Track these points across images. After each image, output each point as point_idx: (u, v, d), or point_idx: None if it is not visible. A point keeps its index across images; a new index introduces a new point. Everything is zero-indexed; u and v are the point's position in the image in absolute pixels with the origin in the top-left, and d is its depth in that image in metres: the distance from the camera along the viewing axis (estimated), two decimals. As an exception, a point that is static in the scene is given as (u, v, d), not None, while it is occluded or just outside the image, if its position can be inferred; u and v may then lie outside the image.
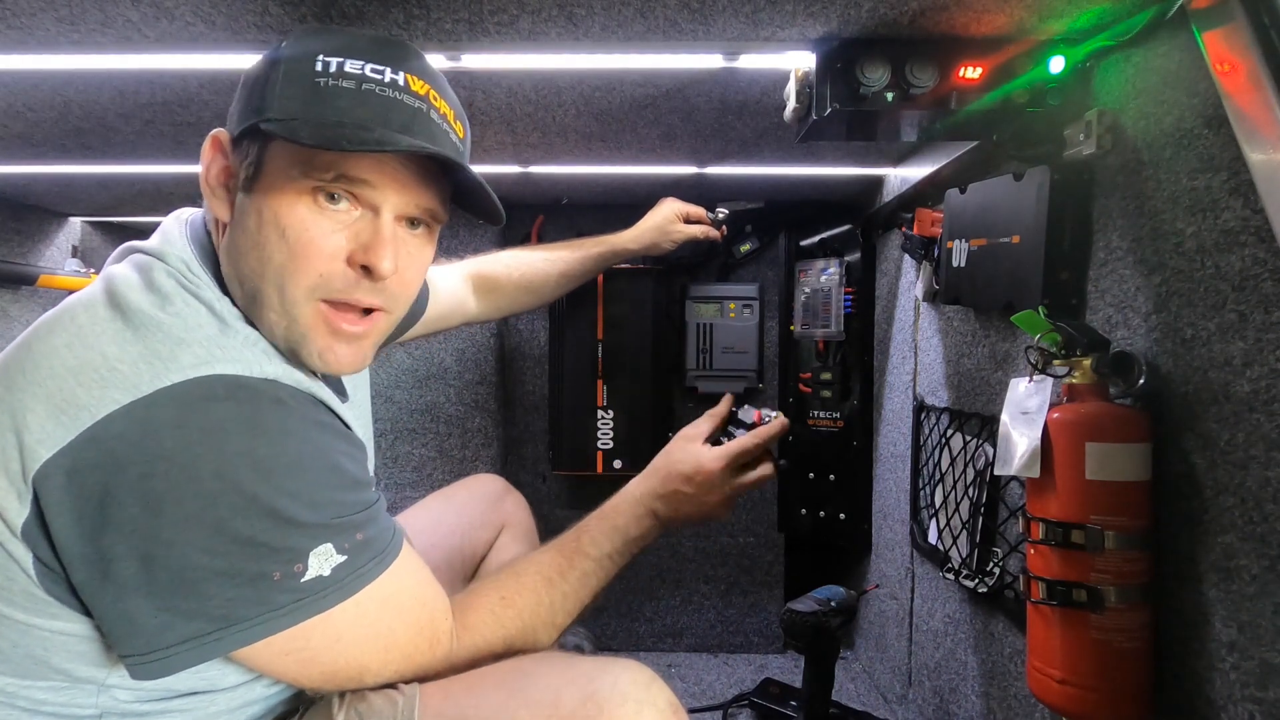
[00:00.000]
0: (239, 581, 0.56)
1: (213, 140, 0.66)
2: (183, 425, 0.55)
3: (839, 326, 1.62)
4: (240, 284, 0.65)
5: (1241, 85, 0.62)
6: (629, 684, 0.65)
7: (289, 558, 0.58)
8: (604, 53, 0.86)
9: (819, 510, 1.69)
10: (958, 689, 1.17)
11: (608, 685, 0.65)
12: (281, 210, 0.62)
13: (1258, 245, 0.62)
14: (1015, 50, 0.81)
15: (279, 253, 0.62)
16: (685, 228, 1.44)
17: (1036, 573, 0.75)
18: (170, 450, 0.54)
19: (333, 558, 0.60)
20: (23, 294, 1.65)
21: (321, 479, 0.61)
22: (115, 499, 0.53)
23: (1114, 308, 0.80)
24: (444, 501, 1.29)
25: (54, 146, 1.21)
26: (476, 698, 0.68)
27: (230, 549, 0.55)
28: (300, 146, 0.61)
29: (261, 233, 0.63)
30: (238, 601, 0.56)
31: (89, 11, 0.75)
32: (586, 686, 0.65)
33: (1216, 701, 0.66)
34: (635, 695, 0.65)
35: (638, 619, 1.85)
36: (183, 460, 0.54)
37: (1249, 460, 0.63)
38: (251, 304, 0.65)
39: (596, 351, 1.68)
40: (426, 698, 0.68)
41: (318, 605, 0.59)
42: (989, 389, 1.07)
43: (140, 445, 0.54)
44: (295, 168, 0.62)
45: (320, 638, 0.61)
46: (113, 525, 0.54)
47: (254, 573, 0.56)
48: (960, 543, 1.11)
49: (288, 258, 0.63)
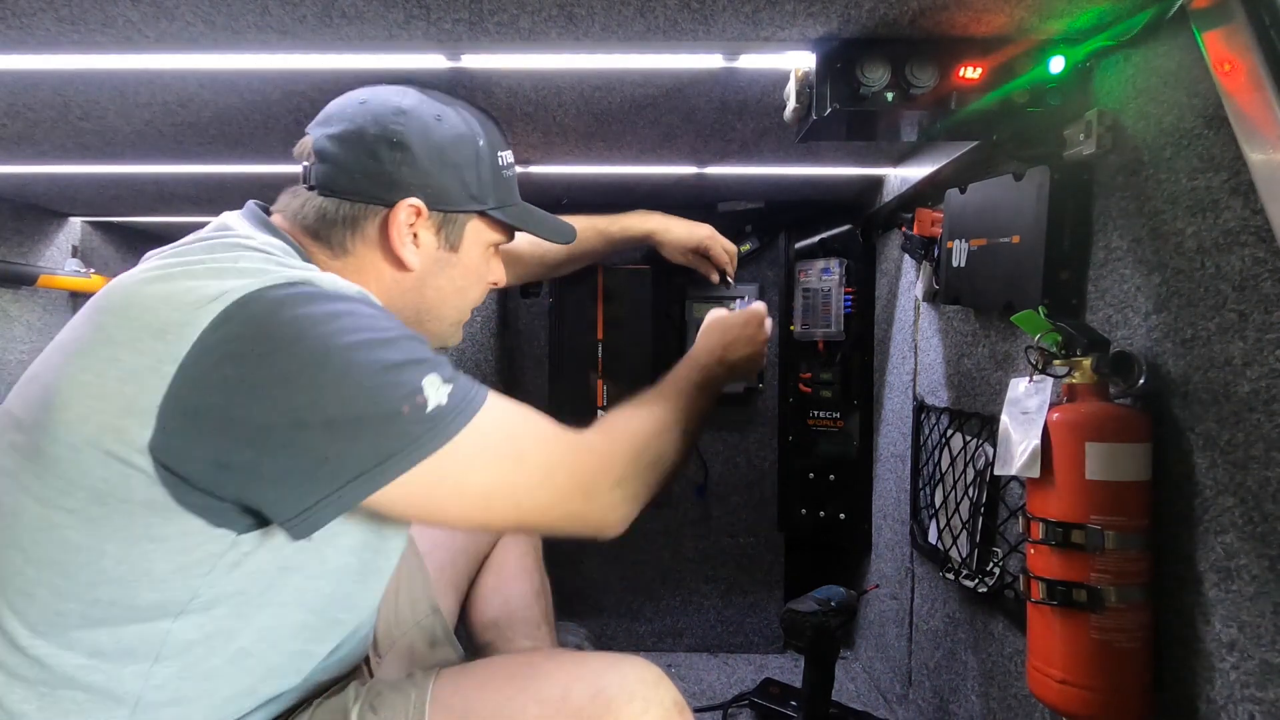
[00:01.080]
0: (377, 423, 0.61)
1: (413, 209, 0.79)
2: (278, 311, 0.61)
3: (839, 326, 1.62)
4: (415, 309, 0.82)
5: (1241, 85, 0.62)
6: (636, 681, 0.67)
7: (408, 391, 0.62)
8: (604, 53, 0.86)
9: (819, 510, 1.69)
10: (958, 689, 1.17)
11: (615, 682, 0.67)
12: (480, 264, 0.88)
13: (1258, 245, 0.62)
14: (1015, 50, 0.81)
15: (474, 290, 0.88)
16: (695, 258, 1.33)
17: (1036, 573, 0.75)
18: (279, 330, 0.60)
19: (442, 387, 0.64)
20: (23, 294, 1.65)
21: (406, 333, 0.67)
22: (243, 385, 0.58)
23: (1114, 308, 0.80)
24: None
25: (54, 146, 1.21)
26: (486, 692, 0.70)
27: (359, 396, 0.61)
28: (495, 221, 0.86)
29: (465, 279, 0.86)
30: (382, 439, 0.61)
31: (89, 11, 0.75)
32: (595, 683, 0.67)
33: (1216, 701, 0.66)
34: (642, 693, 0.66)
35: (638, 619, 1.85)
36: (292, 335, 0.60)
37: (1249, 460, 0.63)
38: (417, 320, 0.82)
39: (596, 351, 1.68)
40: (438, 691, 0.70)
41: (448, 429, 0.63)
42: (989, 389, 1.06)
43: (249, 334, 0.59)
44: (488, 235, 0.87)
45: (457, 463, 0.64)
46: (247, 410, 0.58)
47: (387, 412, 0.61)
48: (960, 543, 1.11)
49: (477, 293, 0.89)
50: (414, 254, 0.81)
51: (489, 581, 1.25)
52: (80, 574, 0.60)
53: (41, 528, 0.60)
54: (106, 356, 0.59)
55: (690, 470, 1.83)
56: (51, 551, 0.60)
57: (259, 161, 1.30)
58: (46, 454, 0.60)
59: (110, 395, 0.58)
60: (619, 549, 1.84)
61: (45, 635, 0.61)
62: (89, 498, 0.59)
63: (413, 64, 0.90)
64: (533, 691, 0.68)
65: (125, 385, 0.58)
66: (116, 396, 0.58)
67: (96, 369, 0.59)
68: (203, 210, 1.68)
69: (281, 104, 1.03)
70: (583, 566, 1.84)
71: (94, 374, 0.59)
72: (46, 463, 0.60)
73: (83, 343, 0.61)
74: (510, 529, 0.71)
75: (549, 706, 0.66)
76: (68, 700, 0.62)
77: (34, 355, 1.68)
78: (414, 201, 0.79)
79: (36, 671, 0.61)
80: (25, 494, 0.61)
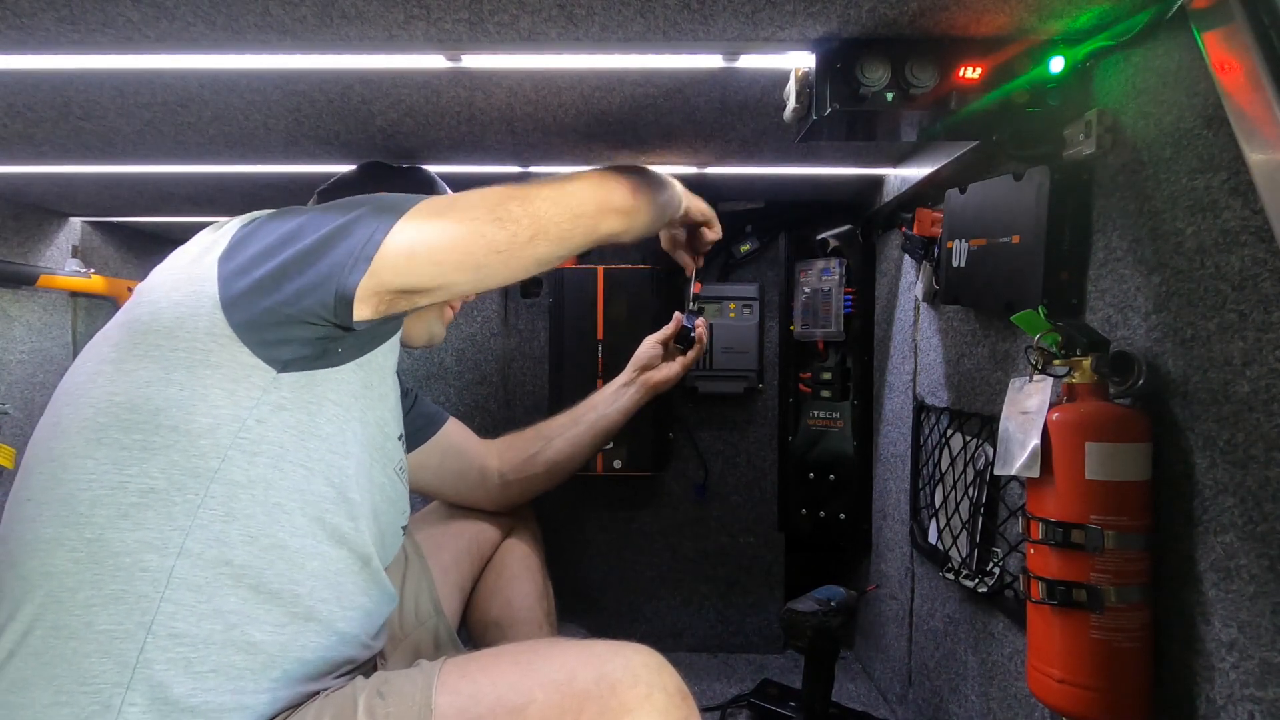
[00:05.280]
0: (369, 211, 0.76)
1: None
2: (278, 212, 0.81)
3: (839, 326, 1.62)
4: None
5: (1241, 85, 0.62)
6: (640, 666, 0.68)
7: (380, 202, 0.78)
8: (604, 53, 0.86)
9: (819, 510, 1.69)
10: (957, 689, 1.17)
11: (620, 666, 0.68)
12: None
13: (1257, 245, 0.62)
14: (1015, 50, 0.81)
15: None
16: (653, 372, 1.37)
17: (1036, 572, 0.75)
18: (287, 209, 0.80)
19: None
20: (23, 294, 1.65)
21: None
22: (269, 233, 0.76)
23: (1114, 308, 0.80)
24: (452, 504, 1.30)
25: (54, 146, 1.21)
26: (493, 676, 0.71)
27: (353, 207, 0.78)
28: None
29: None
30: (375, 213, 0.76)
31: (89, 11, 0.75)
32: (600, 667, 0.68)
33: (1216, 701, 0.66)
34: (646, 678, 0.68)
35: (637, 619, 1.85)
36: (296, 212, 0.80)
37: (1249, 460, 0.63)
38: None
39: (596, 351, 1.68)
40: (445, 676, 0.71)
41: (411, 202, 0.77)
42: (989, 389, 1.07)
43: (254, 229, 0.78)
44: None
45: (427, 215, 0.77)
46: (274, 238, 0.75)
47: (387, 203, 0.78)
48: (960, 543, 1.11)
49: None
50: None
51: (491, 582, 1.26)
52: (149, 404, 0.70)
53: (116, 378, 0.72)
54: (176, 256, 0.79)
55: (690, 470, 1.83)
56: (124, 391, 0.71)
57: (259, 161, 1.30)
58: (131, 326, 0.74)
59: (181, 267, 0.76)
60: (619, 549, 1.84)
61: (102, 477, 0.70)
62: (161, 336, 0.72)
63: (413, 64, 0.90)
64: (538, 675, 0.69)
65: (192, 263, 0.76)
66: (187, 265, 0.76)
67: (172, 265, 0.78)
68: (203, 210, 1.68)
69: (281, 104, 1.03)
70: (583, 566, 1.85)
71: (170, 270, 0.77)
72: (129, 330, 0.74)
73: (164, 265, 0.79)
74: (484, 267, 0.79)
75: (554, 690, 0.67)
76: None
77: (34, 355, 1.70)
78: None
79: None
80: (103, 363, 0.74)
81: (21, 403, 1.64)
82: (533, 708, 0.67)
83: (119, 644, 0.66)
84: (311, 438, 0.75)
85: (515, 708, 0.67)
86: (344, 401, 0.79)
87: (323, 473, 0.76)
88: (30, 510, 0.70)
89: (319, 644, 0.75)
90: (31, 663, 0.65)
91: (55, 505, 0.69)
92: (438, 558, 1.17)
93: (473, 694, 0.69)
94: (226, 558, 0.70)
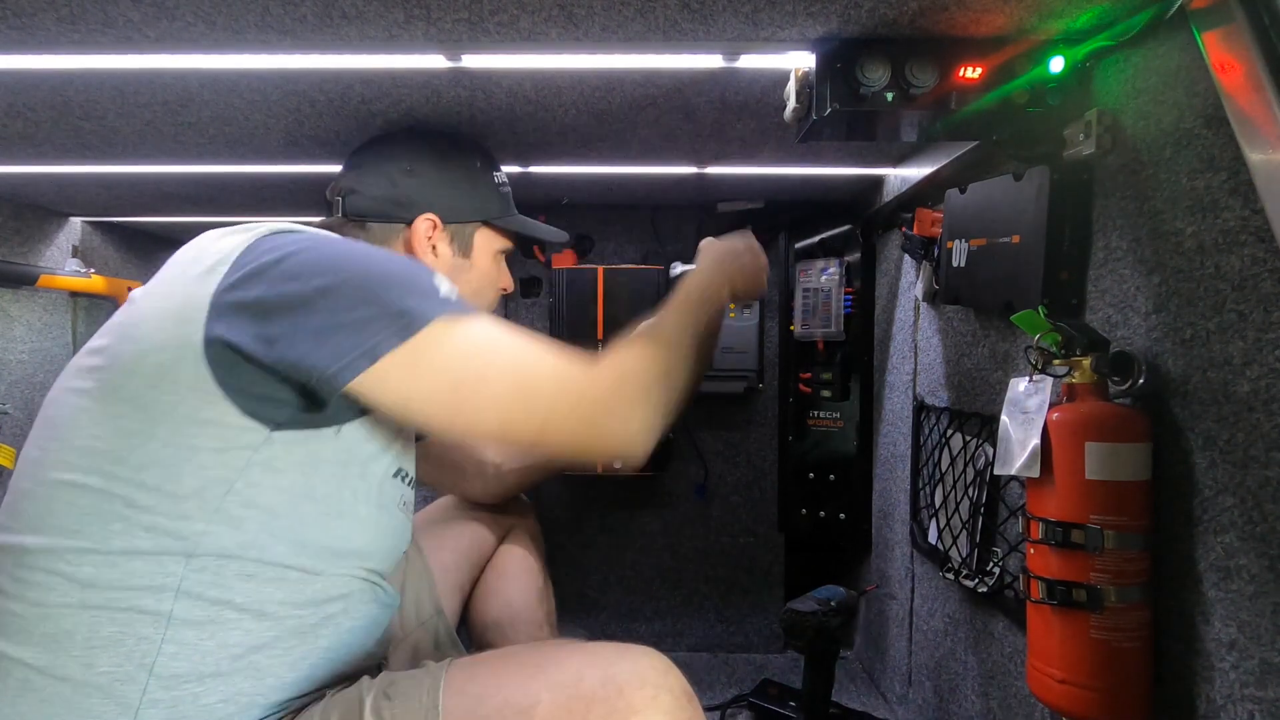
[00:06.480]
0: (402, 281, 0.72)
1: (429, 222, 0.98)
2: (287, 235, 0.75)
3: (839, 326, 1.62)
4: None
5: (1241, 85, 0.62)
6: (647, 669, 0.69)
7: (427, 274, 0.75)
8: (604, 53, 0.86)
9: (819, 510, 1.69)
10: (958, 689, 1.17)
11: (627, 669, 0.68)
12: (492, 269, 1.05)
13: (1257, 245, 0.62)
14: (1015, 50, 0.81)
15: (488, 294, 1.05)
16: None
17: (1036, 572, 0.75)
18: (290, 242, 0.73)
19: (449, 288, 0.75)
20: (23, 294, 1.65)
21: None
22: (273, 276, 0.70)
23: (1114, 308, 0.80)
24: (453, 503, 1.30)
25: (54, 146, 1.21)
26: (500, 678, 0.71)
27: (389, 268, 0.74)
28: (497, 230, 1.05)
29: (481, 282, 1.04)
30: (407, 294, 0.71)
31: (89, 11, 0.75)
32: (607, 669, 0.68)
33: (1216, 700, 0.66)
34: (653, 680, 0.68)
35: (638, 619, 1.85)
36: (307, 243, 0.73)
37: (1249, 460, 0.63)
38: None
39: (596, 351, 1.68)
40: (451, 677, 0.71)
41: (462, 307, 0.73)
42: (989, 389, 1.07)
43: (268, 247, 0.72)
44: (495, 243, 1.05)
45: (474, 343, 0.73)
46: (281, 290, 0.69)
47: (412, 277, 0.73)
48: (960, 543, 1.11)
49: (491, 297, 1.06)
50: (434, 263, 0.97)
51: (491, 582, 1.25)
52: (132, 457, 0.66)
53: (100, 420, 0.68)
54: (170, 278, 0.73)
55: (690, 470, 1.83)
56: (106, 439, 0.67)
57: (259, 161, 1.30)
58: (115, 362, 0.69)
59: (174, 295, 0.71)
60: (619, 549, 1.85)
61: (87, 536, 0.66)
62: (144, 383, 0.67)
63: (413, 64, 0.90)
64: (546, 678, 0.69)
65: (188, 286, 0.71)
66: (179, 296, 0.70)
67: (164, 291, 0.72)
68: (203, 210, 1.68)
69: (281, 104, 1.03)
70: (583, 566, 1.85)
71: (161, 296, 0.72)
72: (113, 367, 0.69)
73: (156, 282, 0.74)
74: (529, 437, 0.75)
75: (562, 692, 0.67)
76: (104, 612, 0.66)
77: (34, 355, 1.70)
78: (429, 216, 0.97)
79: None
80: (85, 397, 0.69)
81: (21, 403, 1.64)
82: (539, 709, 0.67)
83: (120, 686, 0.64)
84: (305, 500, 0.71)
85: (522, 709, 0.67)
86: (342, 459, 0.74)
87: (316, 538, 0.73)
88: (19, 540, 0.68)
89: (326, 660, 0.75)
90: (31, 699, 0.64)
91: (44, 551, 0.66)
92: (438, 557, 1.17)
93: (479, 695, 0.69)
94: (227, 597, 0.68)
